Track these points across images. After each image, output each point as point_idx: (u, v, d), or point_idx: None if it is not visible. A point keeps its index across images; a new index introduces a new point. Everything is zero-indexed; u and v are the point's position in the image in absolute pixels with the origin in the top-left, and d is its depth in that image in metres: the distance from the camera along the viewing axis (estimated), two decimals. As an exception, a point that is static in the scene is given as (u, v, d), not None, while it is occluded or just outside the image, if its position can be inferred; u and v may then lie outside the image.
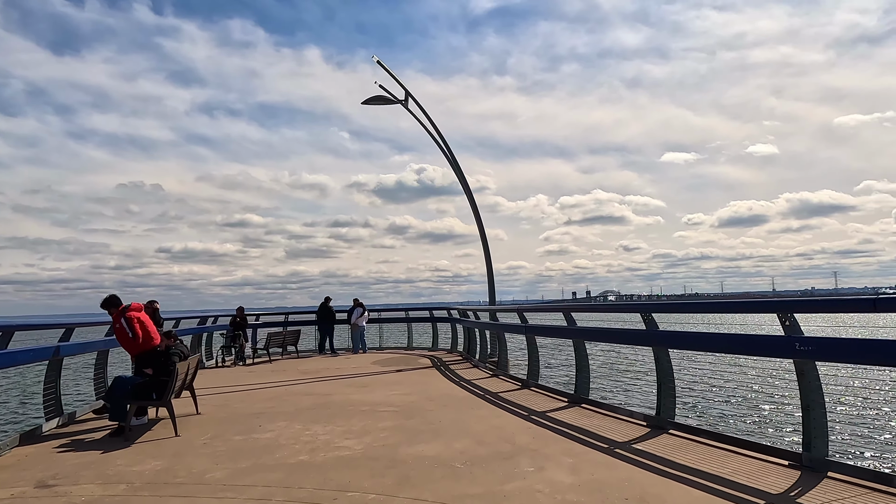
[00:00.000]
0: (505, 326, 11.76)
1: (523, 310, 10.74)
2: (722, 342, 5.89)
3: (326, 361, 16.26)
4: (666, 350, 6.90)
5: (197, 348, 15.64)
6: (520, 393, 9.67)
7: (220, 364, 16.07)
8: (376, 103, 16.91)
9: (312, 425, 7.44)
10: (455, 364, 14.73)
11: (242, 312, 17.02)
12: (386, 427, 7.22)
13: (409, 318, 20.57)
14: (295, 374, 13.36)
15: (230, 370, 14.78)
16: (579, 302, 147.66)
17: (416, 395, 9.79)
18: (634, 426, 6.92)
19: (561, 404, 8.49)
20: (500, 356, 12.49)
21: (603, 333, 8.06)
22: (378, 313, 21.15)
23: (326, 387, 11.13)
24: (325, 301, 19.29)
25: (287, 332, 18.15)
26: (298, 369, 14.38)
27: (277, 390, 10.85)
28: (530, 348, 10.54)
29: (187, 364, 7.90)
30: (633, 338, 7.34)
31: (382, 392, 10.18)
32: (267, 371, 14.20)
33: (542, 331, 9.92)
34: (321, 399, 9.56)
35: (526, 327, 10.27)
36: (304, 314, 20.62)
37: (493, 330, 12.77)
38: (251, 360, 16.68)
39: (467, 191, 16.91)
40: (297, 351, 18.16)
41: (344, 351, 19.37)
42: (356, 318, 18.94)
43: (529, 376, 10.48)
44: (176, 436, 7.05)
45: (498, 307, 13.57)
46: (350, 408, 8.66)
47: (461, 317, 16.24)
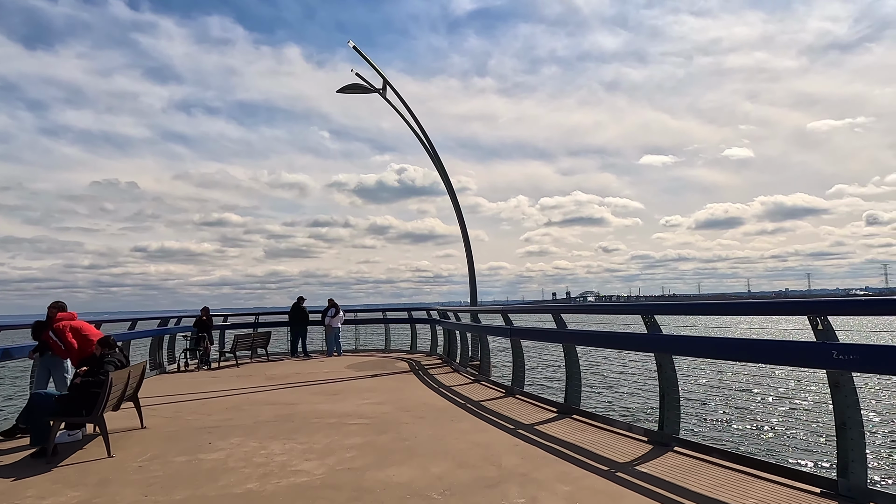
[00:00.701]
0: (488, 329, 10.93)
1: (508, 311, 9.93)
2: (740, 349, 5.10)
3: (297, 365, 15.28)
4: (670, 357, 6.13)
5: (157, 352, 14.54)
6: (504, 402, 8.85)
7: (184, 368, 15.00)
8: (353, 92, 15.98)
9: (270, 442, 6.52)
10: (434, 368, 13.87)
11: (207, 312, 15.94)
12: (353, 445, 6.33)
13: (386, 320, 19.67)
14: (261, 380, 12.37)
15: (192, 375, 13.72)
16: (560, 302, 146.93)
17: (390, 404, 8.91)
18: (634, 442, 6.13)
19: (550, 415, 7.69)
20: (482, 360, 11.68)
21: (598, 338, 7.25)
22: (354, 314, 20.20)
23: (293, 395, 10.19)
24: (298, 301, 18.29)
25: (256, 333, 17.11)
26: (266, 374, 13.39)
27: (238, 399, 9.88)
28: (515, 353, 9.73)
29: (127, 373, 6.91)
30: (632, 343, 6.53)
31: (354, 401, 9.29)
32: (232, 376, 13.19)
33: (528, 334, 9.11)
34: (285, 409, 8.62)
35: (511, 330, 9.45)
36: (276, 315, 19.57)
37: (475, 332, 11.94)
38: (217, 363, 15.62)
39: (447, 182, 16.07)
40: (267, 354, 17.14)
41: (318, 354, 18.39)
42: (330, 318, 17.97)
43: (514, 383, 9.68)
44: (109, 457, 6.08)
45: (480, 308, 12.75)
46: (315, 420, 7.74)
47: (441, 318, 15.39)
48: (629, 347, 6.83)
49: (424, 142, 15.91)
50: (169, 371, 14.72)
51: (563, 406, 7.88)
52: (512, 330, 9.44)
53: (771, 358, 4.84)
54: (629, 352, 7.82)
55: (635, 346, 6.55)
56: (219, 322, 18.11)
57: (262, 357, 17.09)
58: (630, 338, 6.60)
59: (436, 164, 16.01)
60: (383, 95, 16.14)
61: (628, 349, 7.12)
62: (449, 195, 15.99)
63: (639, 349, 6.62)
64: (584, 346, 8.03)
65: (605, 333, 7.10)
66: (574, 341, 7.82)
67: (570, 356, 7.95)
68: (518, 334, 9.38)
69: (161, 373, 14.25)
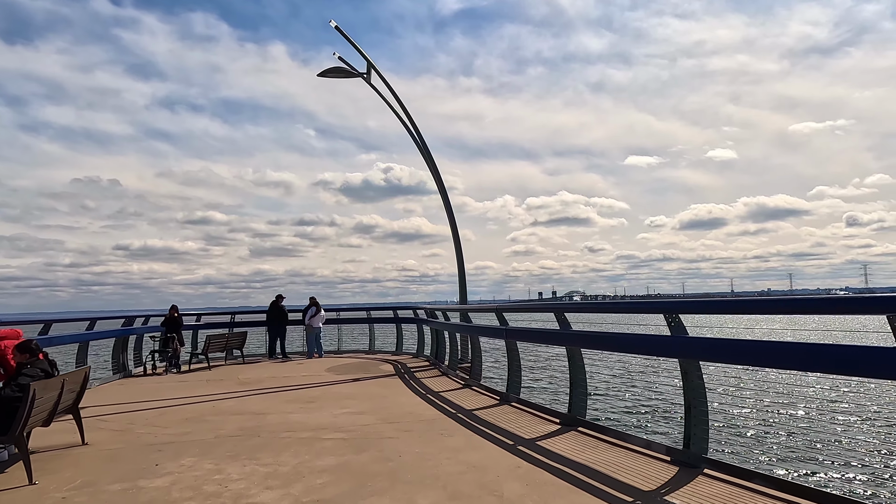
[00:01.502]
0: (480, 329, 10.00)
1: (503, 309, 9.01)
2: (803, 355, 4.17)
3: (274, 368, 14.25)
4: (697, 364, 5.25)
5: (120, 354, 13.43)
6: (500, 411, 7.94)
7: (151, 372, 13.90)
8: (334, 76, 14.96)
9: (228, 463, 5.53)
10: (421, 371, 12.92)
11: (176, 311, 14.83)
12: (326, 467, 5.37)
13: (370, 319, 18.67)
14: (232, 385, 11.34)
15: (159, 380, 12.64)
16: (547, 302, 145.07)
17: (372, 413, 7.96)
18: (656, 463, 5.25)
19: (552, 428, 6.79)
20: (473, 363, 10.75)
21: (609, 340, 6.33)
22: (336, 313, 19.15)
23: (264, 402, 9.19)
24: (277, 299, 17.23)
25: (231, 334, 16.03)
26: (238, 378, 12.35)
27: (202, 407, 8.85)
28: (511, 356, 8.82)
29: (60, 383, 5.88)
30: (652, 346, 5.61)
31: (331, 409, 8.32)
32: (201, 381, 12.13)
33: (527, 335, 8.19)
34: (252, 421, 7.62)
35: (506, 330, 8.53)
36: (254, 314, 18.49)
37: (465, 333, 11.01)
38: (188, 366, 14.54)
39: (433, 168, 15.13)
40: (242, 356, 16.06)
41: (297, 355, 17.36)
42: (310, 318, 16.94)
43: (510, 389, 8.77)
44: (30, 484, 5.06)
45: (472, 307, 11.84)
46: (285, 435, 6.76)
47: (429, 317, 14.45)
48: (648, 352, 5.91)
49: (410, 128, 14.95)
50: (135, 375, 13.63)
51: (567, 417, 6.98)
52: (508, 331, 8.52)
53: (846, 367, 3.89)
54: (642, 357, 6.87)
55: (656, 351, 5.64)
56: (191, 322, 17.00)
57: (238, 359, 16.02)
58: (649, 341, 5.69)
59: (422, 151, 15.07)
60: (367, 80, 15.15)
61: (647, 354, 6.17)
62: (435, 181, 15.06)
63: (660, 354, 5.72)
64: (591, 350, 7.13)
65: (617, 336, 6.19)
66: (579, 344, 6.93)
67: (575, 361, 7.06)
68: (514, 335, 8.47)
69: (125, 376, 13.15)
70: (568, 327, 7.11)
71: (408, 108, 14.91)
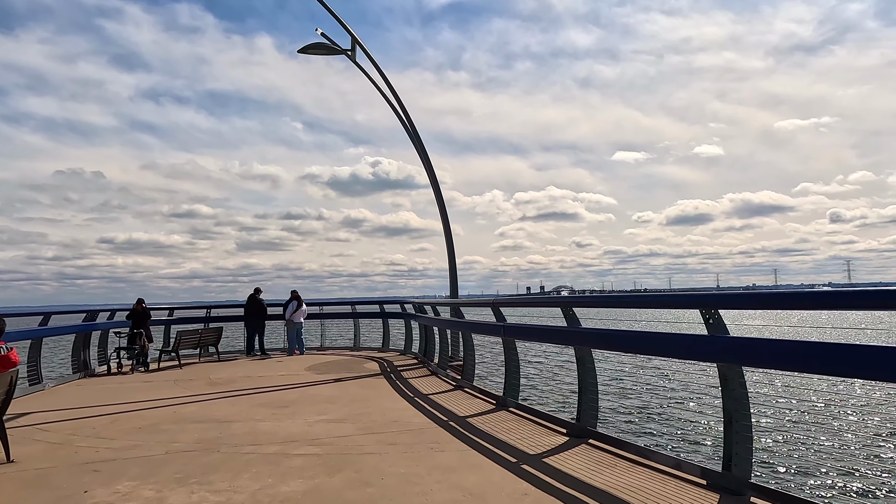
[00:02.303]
0: (474, 326, 9.07)
1: (501, 304, 8.08)
2: (875, 360, 3.32)
3: (250, 366, 13.24)
4: (739, 370, 4.36)
5: (81, 352, 12.34)
6: (497, 418, 7.03)
7: (117, 370, 12.83)
8: (316, 52, 13.88)
9: (172, 490, 4.56)
10: (409, 370, 12.00)
11: (143, 304, 13.72)
12: (291, 495, 4.41)
13: (356, 314, 17.67)
14: (201, 386, 10.33)
15: (122, 380, 11.59)
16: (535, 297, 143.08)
17: (352, 421, 7.01)
18: (690, 488, 4.36)
19: (559, 440, 5.89)
20: (465, 363, 9.83)
21: (631, 341, 5.38)
22: (319, 307, 18.14)
23: (232, 407, 8.20)
24: (255, 293, 16.18)
25: (205, 329, 14.98)
26: (210, 378, 11.34)
27: (161, 413, 7.85)
28: (509, 355, 7.91)
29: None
30: (685, 348, 4.70)
31: (306, 416, 7.36)
32: (168, 381, 11.11)
33: (528, 333, 7.28)
34: (213, 431, 6.64)
35: (504, 328, 7.60)
36: (231, 308, 17.42)
37: (457, 329, 10.08)
38: (157, 364, 13.48)
39: (422, 153, 14.16)
40: (217, 353, 15.01)
41: (278, 352, 16.36)
42: (291, 313, 15.92)
43: (507, 392, 7.86)
44: (-82, 519, 4.06)
45: (465, 301, 10.91)
46: (249, 449, 5.80)
47: (418, 312, 13.51)
48: (680, 354, 4.98)
49: (399, 111, 13.94)
50: (98, 374, 12.56)
51: (576, 427, 6.09)
52: (506, 328, 7.59)
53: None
54: (665, 359, 5.92)
55: (692, 353, 4.71)
56: (162, 316, 15.92)
57: (213, 356, 14.98)
58: (682, 342, 4.77)
59: (411, 136, 14.07)
60: (352, 58, 14.10)
61: (679, 357, 5.22)
62: (425, 167, 14.09)
63: (696, 357, 4.80)
64: (604, 351, 6.23)
65: (641, 336, 5.26)
66: (591, 343, 6.02)
67: (585, 363, 6.15)
68: (513, 333, 7.55)
69: (86, 376, 12.08)
70: (577, 324, 6.20)
71: (396, 90, 13.91)
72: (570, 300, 6.30)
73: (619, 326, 5.99)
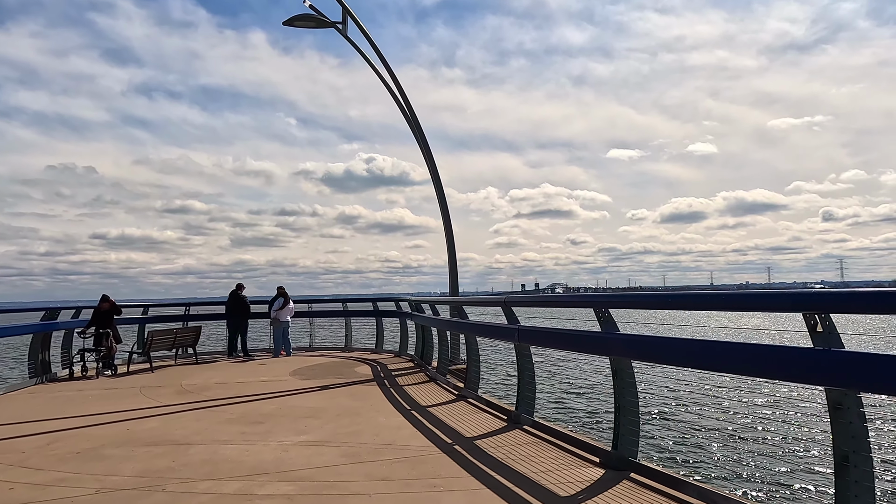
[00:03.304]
0: (481, 328, 7.85)
1: (514, 302, 6.87)
2: None
3: (229, 370, 12.03)
4: (856, 395, 3.18)
5: (40, 354, 11.08)
6: (511, 439, 5.86)
7: (81, 374, 11.58)
8: (303, 25, 12.62)
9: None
10: (405, 375, 10.82)
11: (108, 300, 12.44)
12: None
13: (347, 312, 16.44)
14: (169, 394, 9.11)
15: (83, 385, 10.36)
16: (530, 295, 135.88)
17: (337, 444, 5.82)
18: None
19: (594, 472, 4.72)
20: (469, 369, 8.65)
21: (700, 350, 4.09)
22: (308, 305, 16.91)
23: (197, 423, 6.97)
24: (237, 288, 14.95)
25: (181, 329, 13.74)
26: (181, 384, 10.12)
27: (112, 431, 6.62)
28: (523, 364, 6.73)
29: None
30: (776, 363, 3.50)
31: (284, 436, 6.17)
32: (134, 388, 9.88)
33: (549, 338, 6.06)
34: (165, 458, 5.43)
35: (519, 331, 6.38)
36: (212, 305, 16.16)
37: (461, 331, 8.86)
38: (126, 368, 12.23)
39: (420, 136, 12.95)
40: (195, 354, 13.76)
41: (263, 353, 15.15)
42: (276, 310, 14.70)
43: (520, 406, 6.69)
44: None
45: (469, 299, 9.71)
46: (204, 487, 4.59)
47: (415, 311, 12.32)
48: (770, 373, 3.75)
49: (394, 91, 12.72)
50: (60, 378, 11.32)
51: (613, 456, 4.91)
52: (521, 331, 6.37)
53: None
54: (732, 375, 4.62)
55: (792, 373, 3.49)
56: (136, 314, 14.67)
57: (190, 358, 13.74)
58: (773, 354, 3.59)
59: (407, 119, 12.87)
60: (342, 32, 12.86)
61: (766, 377, 3.92)
62: (421, 150, 12.88)
63: (799, 380, 3.57)
64: (646, 363, 5.03)
65: (724, 346, 4.00)
66: (631, 354, 4.84)
67: (623, 377, 4.98)
68: (530, 338, 6.34)
69: (45, 381, 10.84)
70: (613, 329, 5.02)
71: (392, 68, 12.69)
72: (604, 299, 5.13)
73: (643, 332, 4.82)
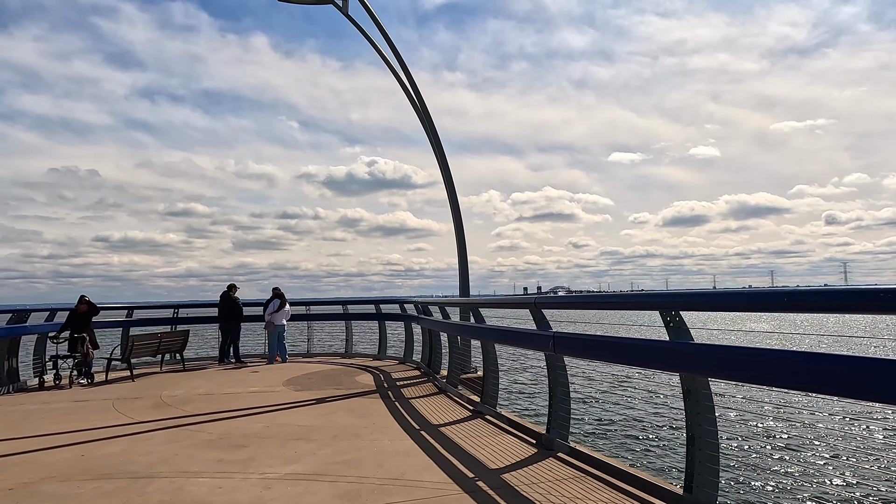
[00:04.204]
0: (506, 335, 6.65)
1: (545, 304, 5.72)
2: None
3: (218, 379, 10.94)
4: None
5: (5, 361, 10.00)
6: (548, 472, 4.74)
7: (53, 383, 10.52)
8: (297, 0, 11.57)
9: None
10: (411, 386, 9.73)
11: (86, 302, 11.35)
12: None
13: (348, 315, 15.34)
14: (143, 409, 8.01)
15: (49, 397, 9.28)
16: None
17: (332, 477, 4.71)
18: None
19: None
20: (486, 383, 7.51)
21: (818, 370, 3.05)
22: (306, 307, 15.81)
23: (166, 447, 5.86)
24: (229, 290, 13.86)
25: (167, 333, 12.65)
26: (161, 396, 9.02)
27: (58, 460, 5.51)
28: (555, 377, 5.60)
29: None
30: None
31: (267, 465, 5.06)
32: (106, 401, 8.79)
33: (595, 349, 4.86)
34: (115, 499, 4.32)
35: (555, 338, 5.24)
36: (203, 308, 15.07)
37: (480, 338, 7.67)
38: (104, 376, 11.13)
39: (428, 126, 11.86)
40: (182, 361, 12.67)
41: (258, 359, 14.07)
42: (271, 313, 13.61)
43: (553, 428, 5.57)
44: None
45: (489, 300, 8.55)
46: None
47: (422, 314, 11.22)
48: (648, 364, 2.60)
49: (398, 72, 11.64)
50: (30, 388, 10.26)
51: (688, 500, 3.79)
52: (557, 339, 5.22)
53: None
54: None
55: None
56: (120, 317, 13.60)
57: (177, 365, 12.65)
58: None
59: (417, 109, 11.80)
60: (342, 9, 11.78)
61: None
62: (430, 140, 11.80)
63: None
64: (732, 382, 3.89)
65: (824, 359, 2.95)
66: (714, 370, 3.71)
67: (697, 399, 3.86)
68: (568, 347, 5.19)
69: (11, 391, 9.79)
70: (686, 338, 3.90)
71: (397, 47, 11.59)
72: (674, 298, 4.01)
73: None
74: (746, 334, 25.67)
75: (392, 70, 11.66)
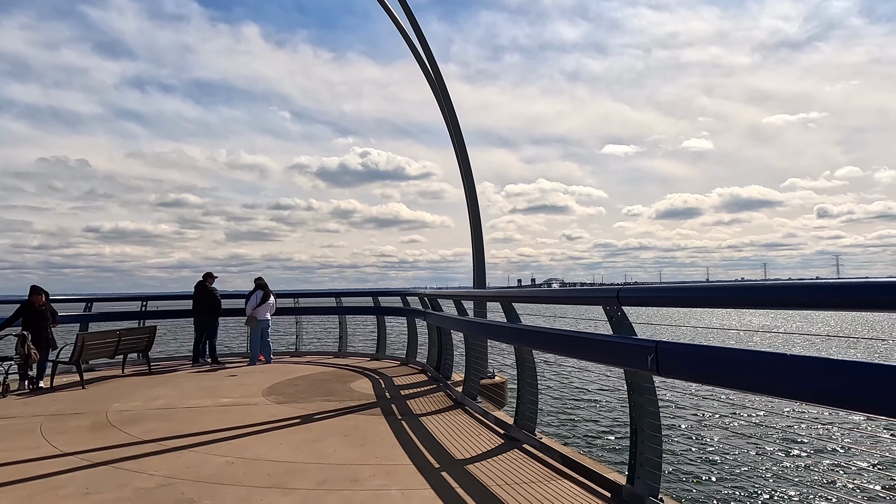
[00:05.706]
0: (565, 341, 4.63)
1: (630, 299, 3.86)
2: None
3: (186, 385, 9.14)
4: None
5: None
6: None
7: None
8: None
9: None
10: (419, 396, 7.98)
11: (38, 292, 9.47)
12: None
13: (342, 309, 13.50)
14: (76, 433, 6.21)
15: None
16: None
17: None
18: None
19: None
20: (523, 400, 5.72)
21: None
22: (294, 300, 13.98)
23: (77, 500, 4.08)
24: (204, 279, 12.02)
25: (128, 329, 10.81)
26: (108, 411, 7.22)
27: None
28: (642, 406, 3.85)
29: None
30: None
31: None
32: (36, 418, 6.98)
33: (736, 373, 3.03)
34: None
35: (658, 351, 3.44)
36: (175, 300, 13.23)
37: (516, 342, 5.73)
38: (49, 382, 9.29)
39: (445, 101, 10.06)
40: (148, 362, 10.83)
41: (238, 359, 12.28)
42: (254, 306, 11.81)
43: (640, 476, 3.82)
44: None
45: (524, 292, 6.73)
46: None
47: (429, 308, 9.44)
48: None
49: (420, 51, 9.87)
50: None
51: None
52: (660, 349, 3.42)
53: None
54: None
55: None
56: (77, 310, 11.76)
57: (142, 366, 10.84)
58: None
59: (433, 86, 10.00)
60: None
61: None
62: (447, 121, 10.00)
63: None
64: None
65: None
66: None
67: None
68: (675, 364, 3.39)
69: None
70: None
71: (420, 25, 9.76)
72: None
73: None
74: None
75: (418, 60, 9.99)
